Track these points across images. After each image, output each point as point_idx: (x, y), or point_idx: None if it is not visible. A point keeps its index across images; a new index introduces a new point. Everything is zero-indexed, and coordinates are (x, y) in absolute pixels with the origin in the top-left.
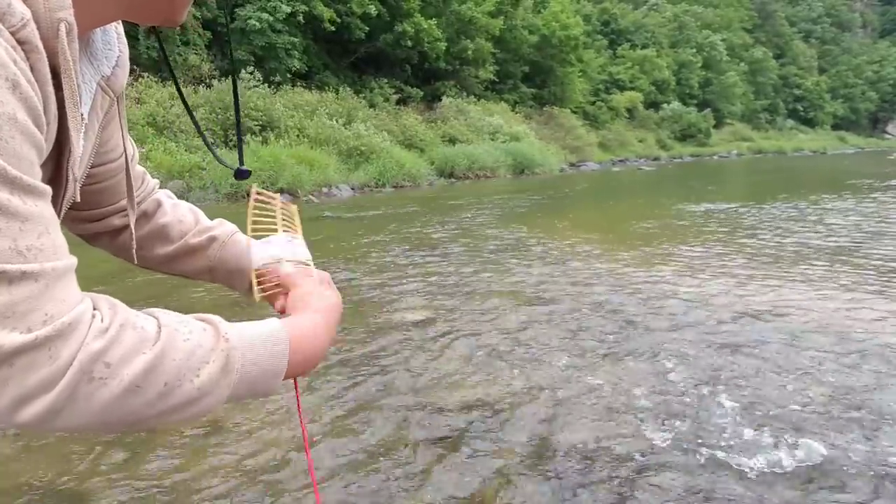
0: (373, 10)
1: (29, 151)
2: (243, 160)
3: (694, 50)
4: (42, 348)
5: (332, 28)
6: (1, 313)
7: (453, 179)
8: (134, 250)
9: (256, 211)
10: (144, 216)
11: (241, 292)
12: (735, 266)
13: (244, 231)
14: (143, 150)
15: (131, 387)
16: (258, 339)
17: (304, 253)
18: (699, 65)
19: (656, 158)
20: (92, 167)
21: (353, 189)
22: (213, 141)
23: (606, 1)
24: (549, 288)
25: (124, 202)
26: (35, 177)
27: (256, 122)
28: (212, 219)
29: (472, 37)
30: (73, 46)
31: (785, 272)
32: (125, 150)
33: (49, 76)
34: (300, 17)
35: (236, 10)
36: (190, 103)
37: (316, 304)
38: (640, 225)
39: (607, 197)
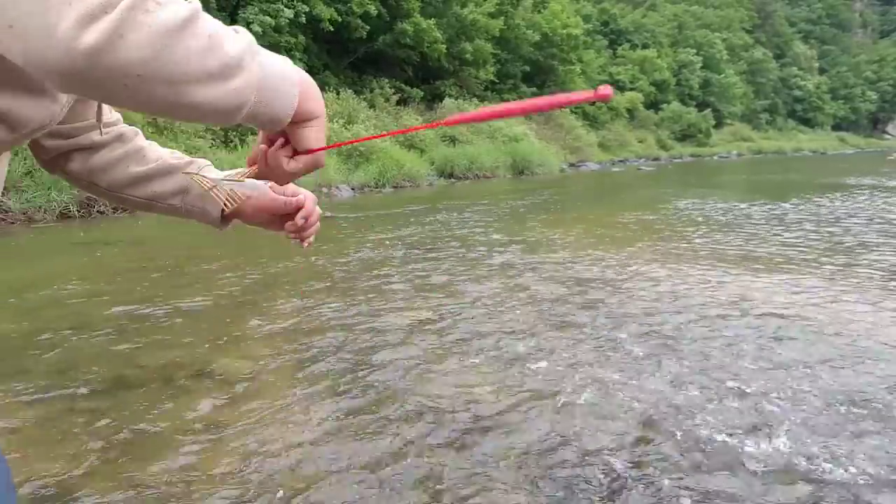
0: (372, 9)
1: None
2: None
3: (694, 50)
4: None
5: (331, 28)
6: None
7: (453, 180)
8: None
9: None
10: (120, 139)
11: (209, 221)
12: (735, 262)
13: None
14: None
15: (183, 24)
16: (270, 53)
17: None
18: (699, 65)
19: (656, 158)
20: None
21: (352, 189)
22: (212, 141)
23: (606, 1)
24: (550, 287)
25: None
26: None
27: None
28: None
29: (471, 38)
30: None
31: (783, 269)
32: None
33: None
34: (302, 18)
35: (237, 12)
36: None
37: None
38: (638, 224)
39: (607, 197)
